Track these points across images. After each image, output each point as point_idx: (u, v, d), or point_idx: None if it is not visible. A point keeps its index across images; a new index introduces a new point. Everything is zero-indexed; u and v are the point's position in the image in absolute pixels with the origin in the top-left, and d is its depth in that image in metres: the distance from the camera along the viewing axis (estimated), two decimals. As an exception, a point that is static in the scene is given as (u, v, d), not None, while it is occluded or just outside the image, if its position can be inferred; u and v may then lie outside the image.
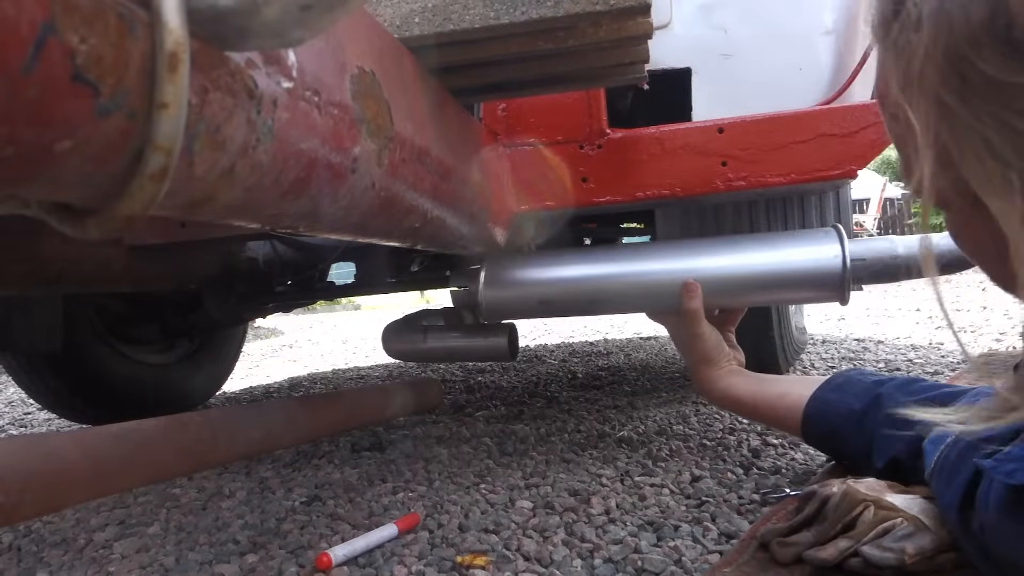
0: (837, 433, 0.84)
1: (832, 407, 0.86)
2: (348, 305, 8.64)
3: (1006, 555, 0.54)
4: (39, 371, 1.80)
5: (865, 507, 0.67)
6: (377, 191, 0.56)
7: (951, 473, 0.62)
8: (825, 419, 0.86)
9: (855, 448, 0.82)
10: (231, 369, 2.38)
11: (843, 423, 0.83)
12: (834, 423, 0.85)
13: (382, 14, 0.70)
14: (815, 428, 0.88)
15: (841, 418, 0.84)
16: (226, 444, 0.94)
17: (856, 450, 0.82)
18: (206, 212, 0.38)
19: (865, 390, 0.83)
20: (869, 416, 0.80)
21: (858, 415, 0.81)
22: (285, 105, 0.39)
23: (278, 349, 4.45)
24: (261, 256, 1.80)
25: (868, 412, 0.81)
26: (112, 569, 0.86)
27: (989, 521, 0.55)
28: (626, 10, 0.70)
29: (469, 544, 0.82)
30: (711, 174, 1.16)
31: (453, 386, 2.11)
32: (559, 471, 1.10)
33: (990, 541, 0.56)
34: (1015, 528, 0.52)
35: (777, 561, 0.67)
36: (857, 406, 0.82)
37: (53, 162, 0.26)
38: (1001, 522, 0.53)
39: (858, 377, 0.87)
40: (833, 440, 0.86)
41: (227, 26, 0.30)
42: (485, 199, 0.95)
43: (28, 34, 0.22)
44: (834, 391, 0.87)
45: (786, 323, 2.18)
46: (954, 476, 0.61)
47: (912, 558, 0.62)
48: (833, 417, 0.85)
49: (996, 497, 0.53)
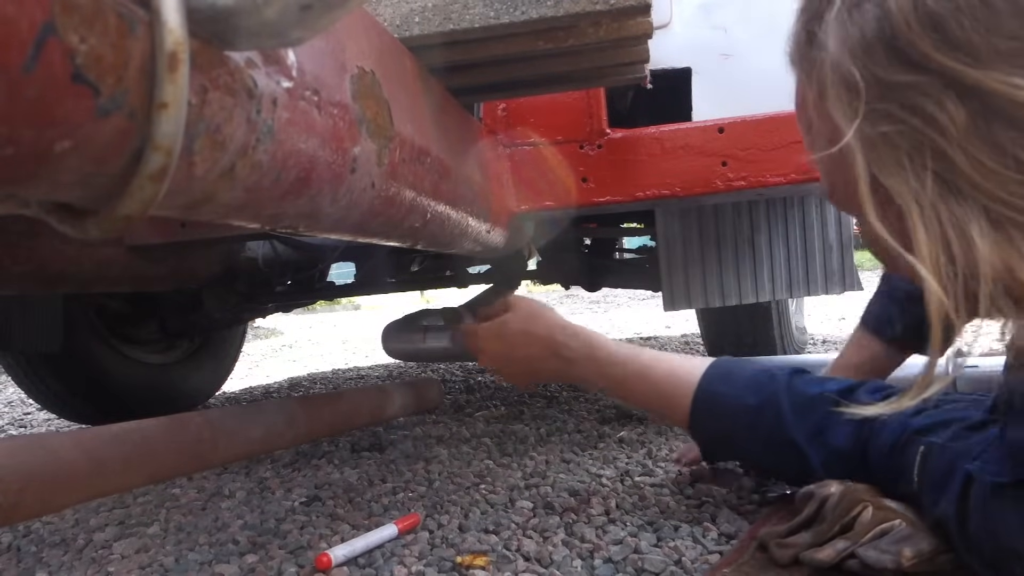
0: (727, 432, 0.81)
1: (722, 402, 0.81)
2: (348, 305, 8.63)
3: (993, 544, 0.57)
4: (39, 371, 1.80)
5: (863, 508, 0.67)
6: (377, 191, 0.56)
7: (941, 483, 0.63)
8: (715, 416, 0.82)
9: (752, 447, 0.80)
10: (231, 369, 2.38)
11: (734, 421, 0.80)
12: (724, 422, 0.81)
13: (382, 14, 0.70)
14: (702, 424, 0.83)
15: (732, 415, 0.80)
16: (226, 444, 0.94)
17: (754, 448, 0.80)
18: (206, 212, 0.38)
19: (754, 383, 0.80)
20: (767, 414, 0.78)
21: (753, 411, 0.78)
22: (285, 105, 0.38)
23: (278, 349, 4.45)
24: (261, 256, 1.80)
25: (763, 410, 0.78)
26: (112, 569, 0.86)
27: (980, 520, 0.57)
28: (626, 10, 0.70)
29: (469, 544, 0.82)
30: (711, 174, 1.17)
31: (453, 386, 2.11)
32: (559, 471, 1.10)
33: (984, 540, 0.57)
34: (999, 516, 0.55)
35: (775, 562, 0.67)
36: (752, 401, 0.79)
37: (53, 162, 0.26)
38: (988, 517, 0.56)
39: (738, 368, 0.84)
40: (724, 439, 0.83)
41: (227, 26, 0.30)
42: (485, 199, 0.95)
43: (28, 34, 0.22)
44: (723, 382, 0.82)
45: (786, 323, 2.19)
46: (946, 486, 0.62)
47: (909, 560, 0.62)
48: (723, 415, 0.81)
49: (985, 496, 0.57)
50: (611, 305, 5.97)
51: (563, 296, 7.29)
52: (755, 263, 1.45)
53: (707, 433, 0.85)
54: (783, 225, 1.48)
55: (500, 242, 1.10)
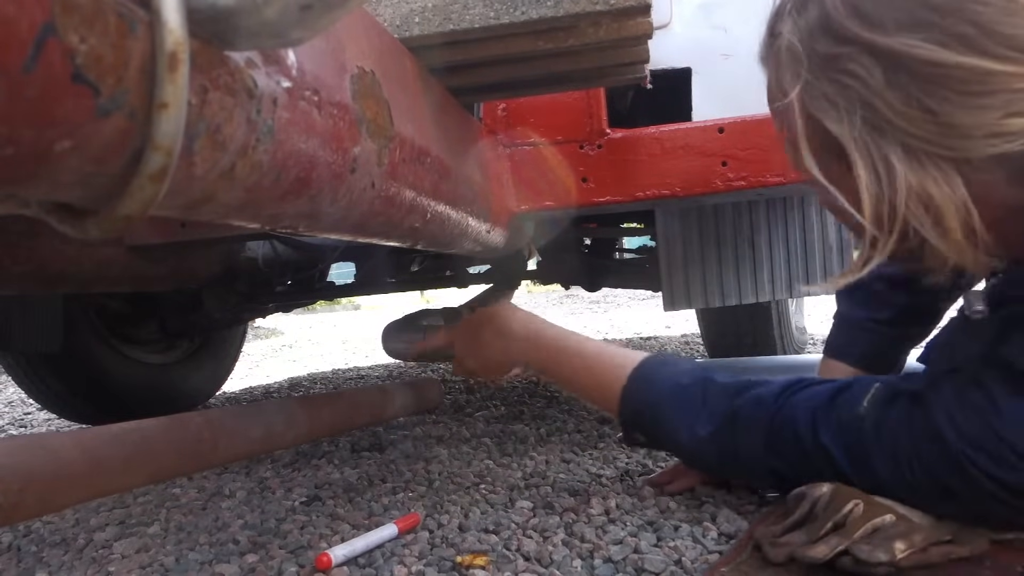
0: (656, 402, 0.86)
1: (658, 380, 0.87)
2: (348, 305, 8.64)
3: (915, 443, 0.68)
4: (39, 371, 1.80)
5: (855, 505, 0.67)
6: (377, 191, 0.56)
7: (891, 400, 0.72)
8: (649, 390, 0.87)
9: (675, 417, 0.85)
10: (231, 369, 2.38)
11: (665, 395, 0.86)
12: (655, 394, 0.87)
13: (382, 14, 0.70)
14: (634, 396, 0.88)
15: (665, 390, 0.86)
16: (226, 444, 0.94)
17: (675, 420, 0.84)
18: (206, 212, 0.38)
19: (690, 371, 0.87)
20: (695, 390, 0.84)
21: (683, 390, 0.85)
22: (285, 105, 0.39)
23: (278, 349, 4.45)
24: (261, 256, 1.80)
25: (693, 387, 0.84)
26: (112, 569, 0.86)
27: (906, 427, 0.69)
28: (626, 10, 0.70)
29: (469, 544, 0.82)
30: (711, 174, 1.16)
31: (453, 386, 2.11)
32: (559, 471, 1.10)
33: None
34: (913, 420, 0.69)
35: (770, 561, 0.67)
36: (685, 381, 0.85)
37: (53, 162, 0.26)
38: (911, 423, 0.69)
39: (684, 361, 0.90)
40: (651, 409, 0.87)
41: (227, 26, 0.30)
42: (485, 199, 0.95)
43: (28, 34, 0.22)
44: (662, 365, 0.89)
45: (786, 323, 2.19)
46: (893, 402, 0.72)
47: (902, 553, 0.62)
48: (656, 389, 0.87)
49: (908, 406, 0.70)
50: (611, 305, 5.97)
51: (563, 296, 7.30)
52: (755, 263, 1.45)
53: (635, 404, 0.89)
54: (783, 225, 1.48)
55: (500, 242, 1.10)
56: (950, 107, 0.58)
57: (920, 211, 0.61)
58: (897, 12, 0.59)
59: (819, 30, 0.63)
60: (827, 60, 0.63)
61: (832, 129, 0.64)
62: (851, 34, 0.61)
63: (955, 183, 0.59)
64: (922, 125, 0.59)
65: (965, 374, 0.66)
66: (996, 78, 0.56)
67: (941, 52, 0.57)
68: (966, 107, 0.57)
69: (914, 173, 0.60)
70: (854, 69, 0.61)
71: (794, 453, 0.76)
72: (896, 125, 0.60)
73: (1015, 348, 0.63)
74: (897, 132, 0.60)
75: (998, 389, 0.63)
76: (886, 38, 0.59)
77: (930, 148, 0.59)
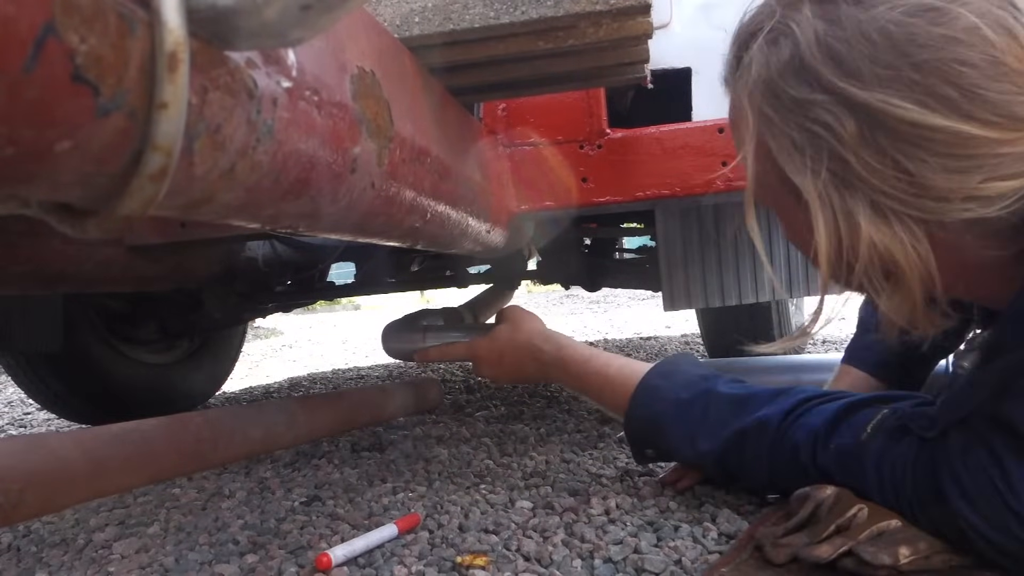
0: (658, 417, 0.89)
1: (659, 393, 0.90)
2: (348, 305, 8.63)
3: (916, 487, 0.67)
4: (39, 371, 1.80)
5: (859, 509, 0.67)
6: (377, 191, 0.56)
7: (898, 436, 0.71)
8: (651, 405, 0.90)
9: (676, 431, 0.87)
10: (231, 369, 2.38)
11: (666, 410, 0.88)
12: (657, 409, 0.89)
13: (382, 14, 0.70)
14: (639, 411, 0.91)
15: (666, 405, 0.89)
16: (226, 444, 0.94)
17: (677, 434, 0.87)
18: (206, 212, 0.38)
19: (692, 383, 0.88)
20: (695, 405, 0.86)
21: (683, 404, 0.87)
22: (285, 105, 0.39)
23: (278, 349, 4.45)
24: (261, 256, 1.80)
25: (694, 401, 0.86)
26: (112, 569, 0.86)
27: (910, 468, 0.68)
28: (626, 10, 0.70)
29: (469, 544, 0.82)
30: (711, 174, 1.16)
31: (453, 386, 2.11)
32: (559, 471, 1.10)
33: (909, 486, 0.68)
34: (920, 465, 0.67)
35: (771, 562, 0.67)
36: (684, 396, 0.87)
37: (53, 162, 0.26)
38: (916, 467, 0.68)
39: (685, 367, 0.92)
40: (654, 423, 0.90)
41: (227, 26, 0.30)
42: (485, 199, 0.95)
43: (28, 34, 0.22)
44: (663, 378, 0.91)
45: (786, 323, 2.19)
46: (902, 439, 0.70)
47: (906, 558, 0.62)
48: (658, 404, 0.89)
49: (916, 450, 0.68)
50: (611, 305, 5.97)
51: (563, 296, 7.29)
52: (755, 263, 1.45)
53: (639, 420, 0.92)
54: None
55: (500, 242, 1.10)
56: (927, 169, 0.55)
57: (878, 275, 0.59)
58: (876, 65, 0.55)
59: (791, 71, 0.59)
60: (797, 104, 0.59)
61: (795, 179, 0.61)
62: (825, 81, 0.57)
63: (923, 245, 0.57)
64: (895, 184, 0.56)
65: (972, 430, 0.63)
66: (978, 142, 0.53)
67: (922, 113, 0.54)
68: (945, 170, 0.54)
69: (879, 233, 0.57)
70: (825, 118, 0.58)
71: (797, 478, 0.76)
72: (867, 182, 0.57)
73: (1016, 408, 0.60)
74: (867, 189, 0.57)
75: (1004, 451, 0.60)
76: (863, 91, 0.56)
77: (901, 208, 0.57)
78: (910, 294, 0.59)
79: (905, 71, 0.54)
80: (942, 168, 0.54)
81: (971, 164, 0.54)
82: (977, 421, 0.63)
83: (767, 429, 0.80)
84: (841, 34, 0.57)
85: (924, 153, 0.55)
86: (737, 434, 0.82)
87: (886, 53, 0.55)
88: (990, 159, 0.54)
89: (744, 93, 0.64)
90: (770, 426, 0.80)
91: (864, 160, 0.57)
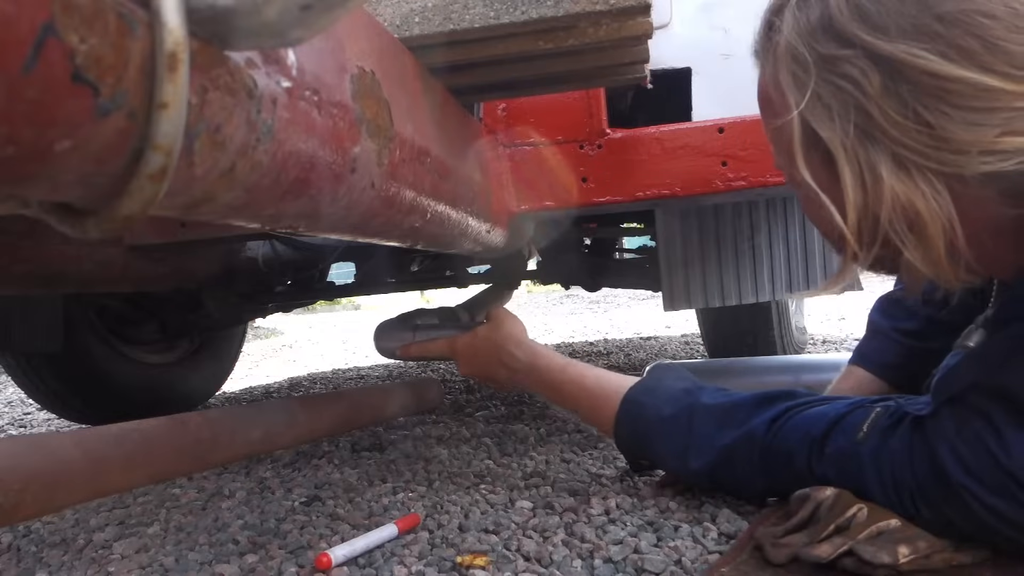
0: (644, 435, 0.91)
1: (644, 411, 0.91)
2: (348, 305, 8.64)
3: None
4: (39, 371, 1.80)
5: (859, 509, 0.67)
6: (377, 191, 0.56)
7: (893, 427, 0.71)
8: (635, 423, 0.91)
9: (663, 450, 0.89)
10: (231, 369, 2.38)
11: (651, 428, 0.90)
12: (642, 427, 0.91)
13: (382, 14, 0.70)
14: (624, 428, 0.93)
15: (650, 423, 0.90)
16: (226, 444, 0.94)
17: (664, 452, 0.89)
18: (206, 212, 0.38)
19: (674, 398, 0.89)
20: (680, 421, 0.87)
21: (667, 421, 0.88)
22: (285, 105, 0.39)
23: (278, 349, 4.45)
24: (261, 256, 1.80)
25: (678, 417, 0.87)
26: (112, 569, 0.86)
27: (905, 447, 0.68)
28: (626, 10, 0.70)
29: (469, 544, 0.82)
30: (711, 174, 1.17)
31: (453, 386, 2.11)
32: (559, 471, 1.10)
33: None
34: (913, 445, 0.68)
35: (771, 562, 0.67)
36: (667, 412, 0.88)
37: (53, 162, 0.26)
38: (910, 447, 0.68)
39: (668, 383, 0.92)
40: (642, 440, 0.92)
41: (227, 26, 0.30)
42: (485, 199, 0.95)
43: (28, 34, 0.22)
44: (647, 395, 0.92)
45: (786, 323, 2.19)
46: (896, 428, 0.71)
47: (906, 557, 0.62)
48: (643, 422, 0.91)
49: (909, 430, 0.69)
50: (611, 305, 5.97)
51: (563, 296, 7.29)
52: (755, 263, 1.45)
53: (627, 437, 0.94)
54: (783, 225, 1.48)
55: (500, 242, 1.10)
56: (947, 121, 0.56)
57: (902, 225, 0.60)
58: (901, 18, 0.57)
59: (820, 29, 0.61)
60: (826, 61, 0.61)
61: (822, 133, 0.62)
62: (852, 36, 0.59)
63: (943, 198, 0.58)
64: (916, 137, 0.57)
65: (967, 403, 0.64)
66: (997, 95, 0.55)
67: (943, 64, 0.55)
68: (964, 122, 0.56)
69: (901, 185, 0.59)
70: (852, 73, 0.59)
71: (793, 483, 0.76)
72: (889, 134, 0.58)
73: (1017, 378, 0.60)
74: (889, 142, 0.59)
75: (1002, 420, 0.61)
76: (888, 44, 0.57)
77: (921, 161, 0.58)
78: (933, 245, 0.60)
79: (928, 23, 0.56)
80: (961, 120, 0.56)
81: (989, 117, 0.55)
82: (975, 394, 0.63)
83: (755, 441, 0.80)
84: None
85: (944, 105, 0.56)
86: (725, 449, 0.82)
87: (911, 6, 0.57)
88: (1008, 112, 0.55)
89: (774, 54, 0.67)
90: (756, 437, 0.80)
91: (887, 113, 0.58)
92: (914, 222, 0.59)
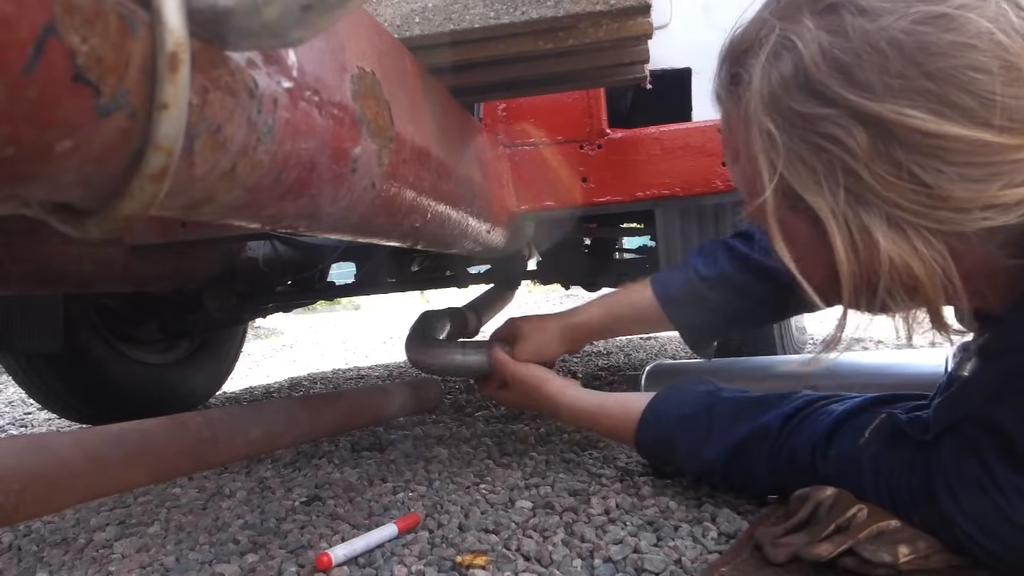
0: (667, 436, 0.93)
1: (665, 414, 0.94)
2: (348, 305, 8.63)
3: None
4: (39, 371, 1.80)
5: (859, 509, 0.67)
6: (377, 191, 0.56)
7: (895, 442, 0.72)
8: (658, 424, 0.94)
9: (683, 446, 0.91)
10: (231, 369, 2.38)
11: (673, 427, 0.92)
12: (665, 428, 0.93)
13: (382, 14, 0.70)
14: (647, 432, 0.95)
15: (672, 423, 0.92)
16: (226, 444, 0.94)
17: (684, 449, 0.91)
18: (206, 212, 0.39)
19: (696, 399, 0.92)
20: (700, 417, 0.89)
21: (688, 419, 0.90)
22: (285, 105, 0.39)
23: (278, 349, 4.45)
24: (261, 256, 1.80)
25: (699, 414, 0.90)
26: (112, 569, 0.86)
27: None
28: (626, 10, 0.70)
29: (469, 544, 0.82)
30: (711, 174, 1.17)
31: (453, 386, 2.11)
32: (559, 471, 1.10)
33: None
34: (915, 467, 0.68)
35: (771, 561, 0.68)
36: (688, 411, 0.91)
37: (53, 162, 0.26)
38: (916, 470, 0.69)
39: (691, 387, 0.95)
40: (664, 442, 0.94)
41: (227, 26, 0.30)
42: (485, 199, 0.95)
43: (29, 35, 0.22)
44: (665, 402, 0.95)
45: (786, 323, 2.18)
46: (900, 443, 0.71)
47: (906, 557, 0.62)
48: (664, 423, 0.93)
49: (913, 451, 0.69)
50: (611, 305, 5.96)
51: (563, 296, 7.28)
52: (755, 263, 1.45)
53: (649, 440, 0.96)
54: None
55: (500, 242, 1.10)
56: (944, 180, 0.53)
57: (898, 287, 0.57)
58: (887, 76, 0.54)
59: (795, 86, 0.57)
60: (804, 120, 0.57)
61: (808, 199, 0.58)
62: (833, 94, 0.55)
63: (941, 256, 0.56)
64: (912, 197, 0.54)
65: (964, 434, 0.64)
66: (996, 150, 0.52)
67: (938, 123, 0.53)
68: (963, 179, 0.53)
69: (897, 248, 0.56)
70: (835, 133, 0.56)
71: (798, 480, 0.77)
72: (882, 196, 0.55)
73: (1012, 415, 0.60)
74: (882, 203, 0.56)
75: (993, 459, 0.61)
76: (875, 103, 0.54)
77: (918, 221, 0.55)
78: (931, 301, 0.58)
79: (918, 80, 0.53)
80: (960, 177, 0.53)
81: (989, 172, 0.53)
82: (970, 426, 0.63)
83: (768, 434, 0.81)
84: (848, 45, 0.55)
85: (940, 163, 0.53)
86: (741, 439, 0.84)
87: (897, 63, 0.53)
88: (1008, 166, 0.53)
89: (744, 110, 0.61)
90: (771, 432, 0.81)
91: (878, 174, 0.55)
92: (913, 286, 0.57)
